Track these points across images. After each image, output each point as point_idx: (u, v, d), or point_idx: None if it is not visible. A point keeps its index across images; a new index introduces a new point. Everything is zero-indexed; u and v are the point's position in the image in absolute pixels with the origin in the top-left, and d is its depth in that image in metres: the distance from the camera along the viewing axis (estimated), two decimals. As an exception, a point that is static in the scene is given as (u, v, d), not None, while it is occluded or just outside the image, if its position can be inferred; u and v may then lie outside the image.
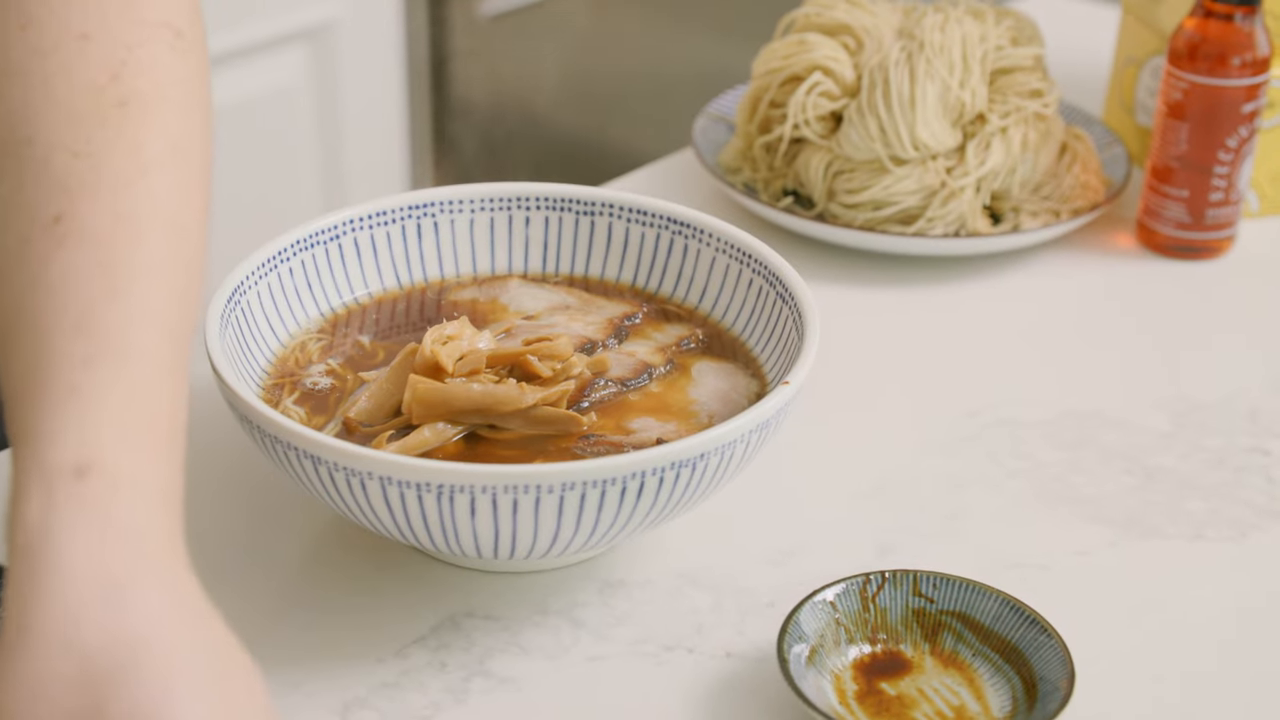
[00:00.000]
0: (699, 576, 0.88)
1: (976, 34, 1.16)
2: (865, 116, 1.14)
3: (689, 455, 0.78)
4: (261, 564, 0.87)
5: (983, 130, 1.16)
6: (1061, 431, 1.00)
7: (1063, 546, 0.91)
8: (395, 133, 2.45)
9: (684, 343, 0.94)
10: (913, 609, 0.83)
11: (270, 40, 2.35)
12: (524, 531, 0.78)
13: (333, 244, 0.95)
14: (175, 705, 0.56)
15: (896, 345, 1.10)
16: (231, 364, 0.85)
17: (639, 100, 2.60)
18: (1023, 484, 0.96)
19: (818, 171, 1.17)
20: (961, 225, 1.16)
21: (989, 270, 1.18)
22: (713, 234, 0.96)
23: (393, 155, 2.46)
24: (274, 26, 2.34)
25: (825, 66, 1.17)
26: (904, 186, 1.15)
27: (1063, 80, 1.41)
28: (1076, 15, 1.64)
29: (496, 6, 2.41)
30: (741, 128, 1.23)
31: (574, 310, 0.96)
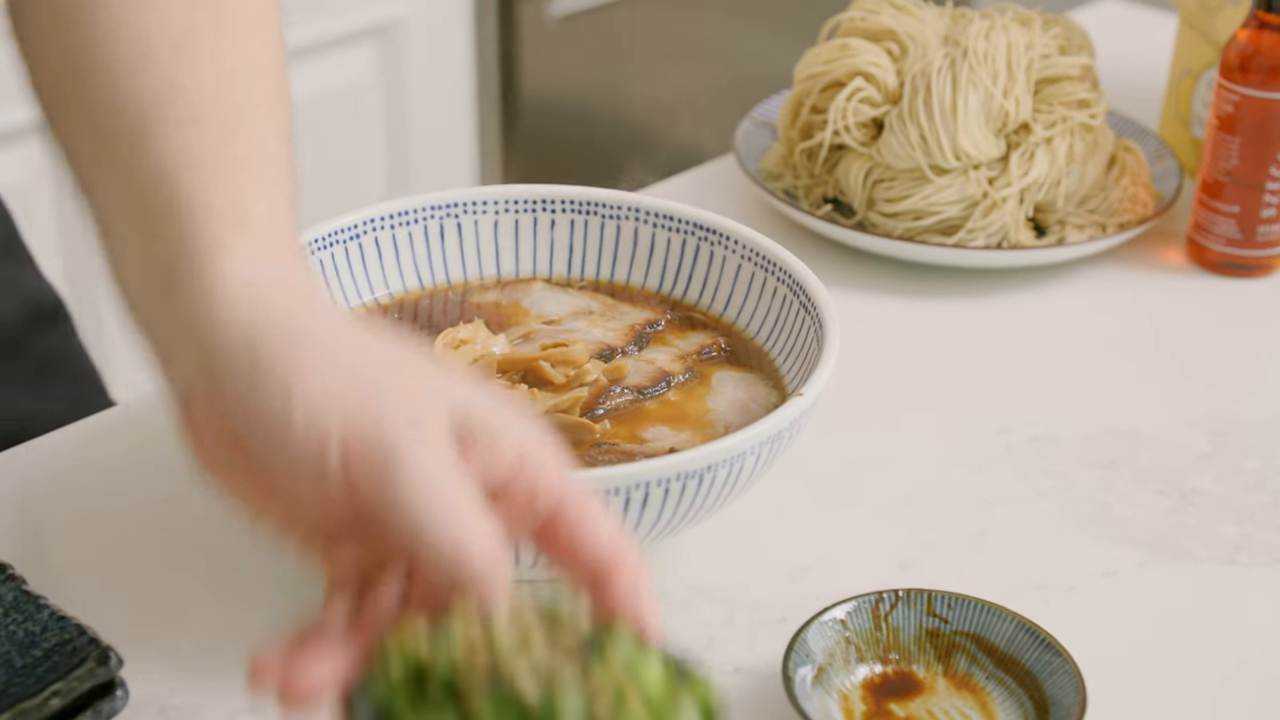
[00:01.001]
0: (713, 589, 0.86)
1: (1022, 42, 1.13)
2: (906, 124, 1.12)
3: (695, 467, 0.76)
4: (272, 567, 0.86)
5: (1027, 140, 1.14)
6: (1096, 450, 0.98)
7: (1090, 568, 0.88)
8: (463, 131, 2.45)
9: (705, 351, 0.92)
10: (926, 629, 0.80)
11: (340, 37, 2.35)
12: (527, 539, 0.76)
13: (353, 243, 0.94)
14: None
15: (932, 358, 1.08)
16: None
17: (707, 101, 2.58)
18: (1052, 503, 0.93)
19: (857, 179, 1.15)
20: (1004, 237, 1.14)
21: (1032, 284, 1.15)
22: (739, 241, 0.94)
23: (460, 154, 2.46)
24: (344, 23, 2.35)
25: (867, 72, 1.15)
26: (945, 196, 1.12)
27: (1120, 90, 1.39)
28: (1138, 23, 1.61)
29: (566, 7, 2.40)
30: (783, 133, 1.21)
31: (596, 316, 0.94)
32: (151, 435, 0.95)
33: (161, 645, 0.80)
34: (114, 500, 0.90)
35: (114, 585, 0.84)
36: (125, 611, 0.82)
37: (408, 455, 0.56)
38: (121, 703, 0.75)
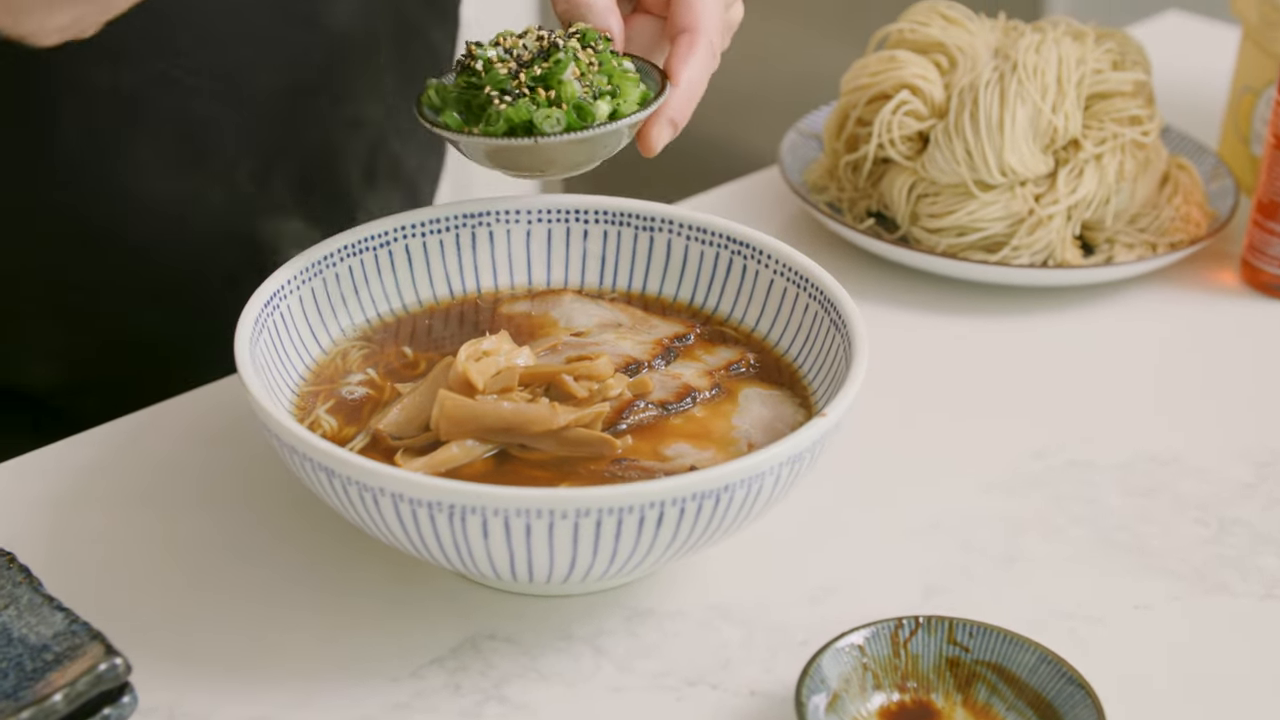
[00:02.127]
0: (732, 610, 0.85)
1: (1074, 56, 1.11)
2: (952, 138, 1.10)
3: (712, 486, 0.75)
4: (285, 573, 0.86)
5: (1076, 157, 1.11)
6: (1134, 477, 0.96)
7: (1121, 599, 0.86)
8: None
9: (734, 367, 0.91)
10: (947, 657, 0.79)
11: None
12: (539, 556, 0.75)
13: (383, 250, 0.94)
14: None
15: (970, 377, 1.06)
16: (263, 370, 0.83)
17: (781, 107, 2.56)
18: (1086, 530, 0.91)
19: (901, 193, 1.13)
20: (1050, 255, 1.12)
21: (1078, 304, 1.13)
22: (771, 255, 0.93)
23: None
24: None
25: (913, 85, 1.13)
26: (989, 213, 1.11)
27: (1181, 106, 1.36)
28: (1202, 36, 1.59)
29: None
30: (828, 145, 1.20)
31: (625, 329, 0.93)
32: (181, 439, 0.95)
33: (175, 652, 0.80)
34: (140, 504, 0.90)
35: (133, 590, 0.84)
36: (141, 617, 0.82)
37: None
38: (129, 708, 0.74)
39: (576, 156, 0.85)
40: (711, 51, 0.88)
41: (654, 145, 0.86)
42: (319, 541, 0.88)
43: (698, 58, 0.87)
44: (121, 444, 0.94)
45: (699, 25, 0.88)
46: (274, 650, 0.81)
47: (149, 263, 1.04)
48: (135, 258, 1.04)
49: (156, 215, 1.03)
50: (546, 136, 0.83)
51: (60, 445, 0.94)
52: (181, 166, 1.02)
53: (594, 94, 0.84)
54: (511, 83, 0.84)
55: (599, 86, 0.84)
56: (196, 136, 1.02)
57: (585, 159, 0.86)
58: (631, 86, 0.86)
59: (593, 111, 0.84)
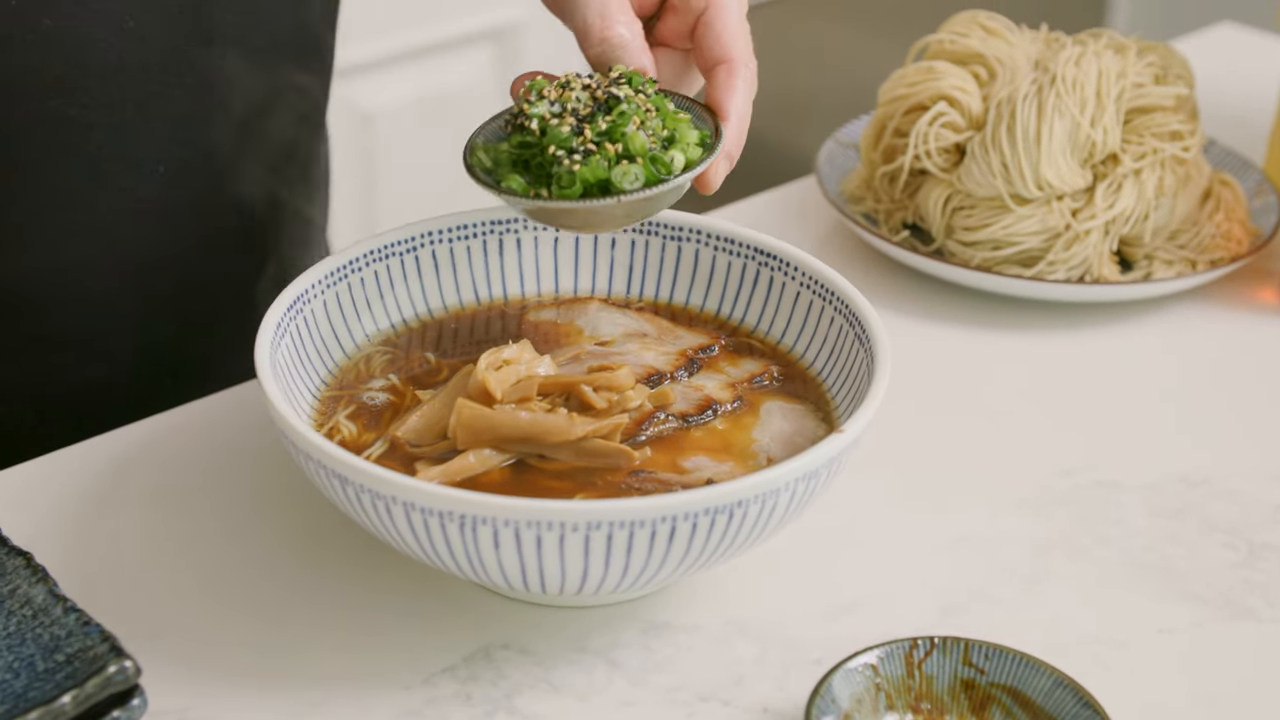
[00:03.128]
0: (749, 624, 0.84)
1: (1114, 70, 1.10)
2: (988, 151, 1.09)
3: (725, 502, 0.74)
4: (301, 580, 0.86)
5: (1114, 171, 1.10)
6: (1163, 498, 0.94)
7: (1145, 622, 0.85)
8: (575, 135, 2.45)
9: (757, 380, 0.90)
10: (962, 679, 0.78)
11: (457, 39, 2.36)
12: (550, 568, 0.75)
13: (409, 255, 0.94)
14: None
15: (1002, 392, 1.05)
16: (283, 374, 0.83)
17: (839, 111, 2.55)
18: (1112, 552, 0.90)
19: (937, 206, 1.12)
20: (1086, 271, 1.10)
21: (1115, 320, 1.12)
22: (797, 267, 0.92)
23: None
24: (461, 26, 2.36)
25: (951, 96, 1.12)
26: (1025, 227, 1.09)
27: (1229, 120, 1.35)
28: (1255, 49, 1.56)
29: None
30: (866, 155, 1.19)
31: (649, 339, 0.93)
32: (202, 443, 0.95)
33: (187, 656, 0.80)
34: (159, 507, 0.90)
35: (148, 593, 0.84)
36: (155, 620, 0.82)
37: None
38: (139, 711, 0.74)
39: (651, 209, 0.83)
40: (751, 78, 0.87)
41: (714, 184, 0.85)
42: (336, 548, 0.88)
43: (741, 88, 0.86)
44: (143, 446, 0.95)
45: (734, 54, 0.86)
46: (287, 656, 0.81)
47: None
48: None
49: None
50: (628, 194, 0.80)
51: (84, 446, 0.95)
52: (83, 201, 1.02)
53: (660, 143, 0.82)
54: (576, 139, 0.81)
55: (659, 134, 0.82)
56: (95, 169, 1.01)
57: (656, 209, 0.84)
58: (687, 129, 0.83)
59: (667, 163, 0.81)
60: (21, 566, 0.80)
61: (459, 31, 2.37)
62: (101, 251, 1.03)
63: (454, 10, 2.35)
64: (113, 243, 1.03)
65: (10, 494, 0.91)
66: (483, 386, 0.83)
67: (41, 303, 1.03)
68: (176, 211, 1.05)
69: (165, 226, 1.05)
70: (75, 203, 1.00)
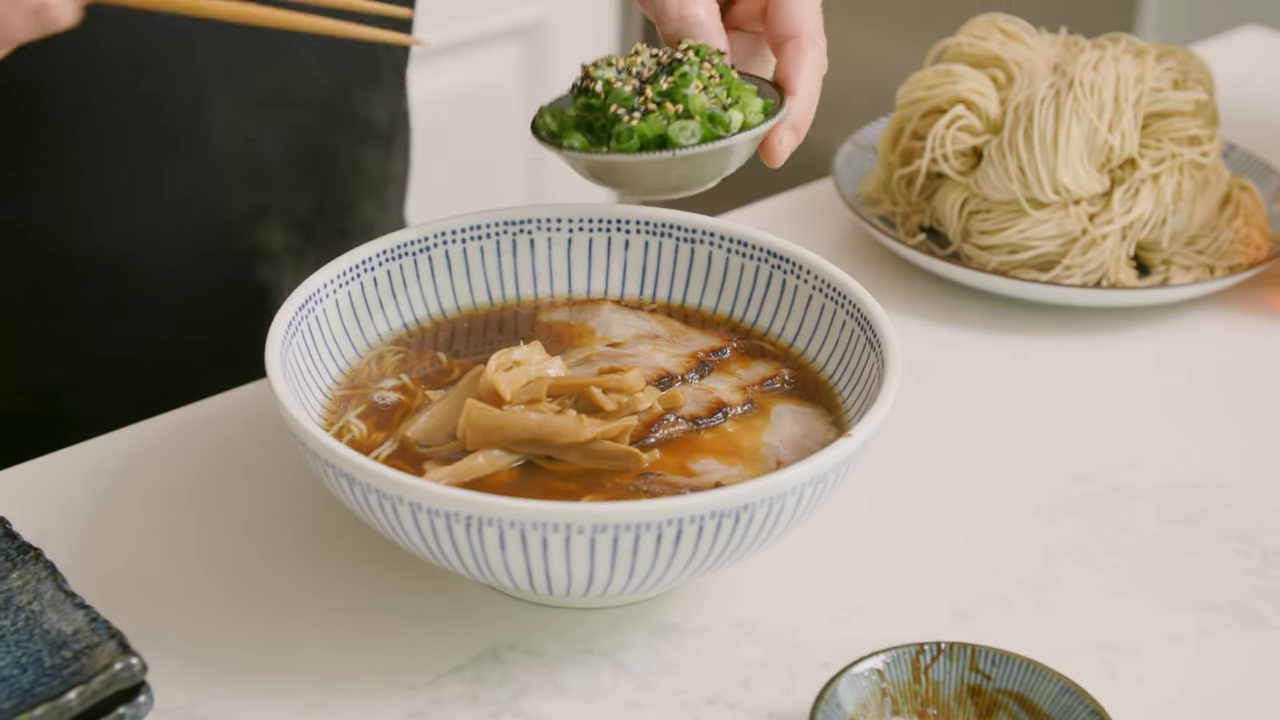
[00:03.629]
0: (757, 627, 0.84)
1: (1133, 74, 1.09)
2: (1005, 155, 1.09)
3: (731, 505, 0.74)
4: (312, 580, 0.86)
5: (1132, 176, 1.10)
6: (1176, 505, 0.94)
7: (1154, 629, 0.85)
8: (603, 133, 2.45)
9: (768, 383, 0.90)
10: (969, 685, 0.78)
11: (484, 36, 2.37)
12: (556, 570, 0.75)
13: (422, 256, 0.94)
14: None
15: (1017, 397, 1.04)
16: (294, 373, 0.84)
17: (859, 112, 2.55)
18: (1122, 558, 0.90)
19: (953, 209, 1.12)
20: (1103, 275, 1.10)
21: (1131, 325, 1.11)
22: (810, 270, 0.92)
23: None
24: (489, 23, 2.36)
25: (968, 100, 1.12)
26: (1042, 231, 1.09)
27: (1252, 124, 1.34)
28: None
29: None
30: (883, 158, 1.18)
31: (661, 341, 0.93)
32: (216, 441, 0.96)
33: (195, 654, 0.81)
34: (171, 504, 0.91)
35: (158, 590, 0.85)
36: (164, 617, 0.83)
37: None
38: (145, 709, 0.75)
39: (709, 170, 0.85)
40: (820, 55, 0.88)
41: (779, 155, 0.87)
42: (347, 548, 0.88)
43: (809, 64, 0.88)
44: (156, 443, 0.95)
45: (804, 30, 0.88)
46: (294, 655, 0.81)
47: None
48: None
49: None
50: (683, 149, 0.82)
51: (98, 441, 0.95)
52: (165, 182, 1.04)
53: (721, 106, 0.84)
54: (637, 99, 0.83)
55: (722, 99, 0.84)
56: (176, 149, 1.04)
57: (716, 172, 0.85)
58: (751, 97, 0.86)
59: (725, 121, 0.84)
60: (31, 562, 0.80)
61: (485, 29, 2.37)
62: (172, 226, 1.06)
63: (480, 8, 2.36)
64: (183, 218, 1.06)
65: (23, 490, 0.91)
66: (493, 387, 0.83)
67: (111, 271, 1.06)
68: (249, 189, 1.07)
69: (235, 204, 1.07)
70: (152, 177, 1.04)
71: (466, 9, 2.35)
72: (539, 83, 2.43)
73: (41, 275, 1.05)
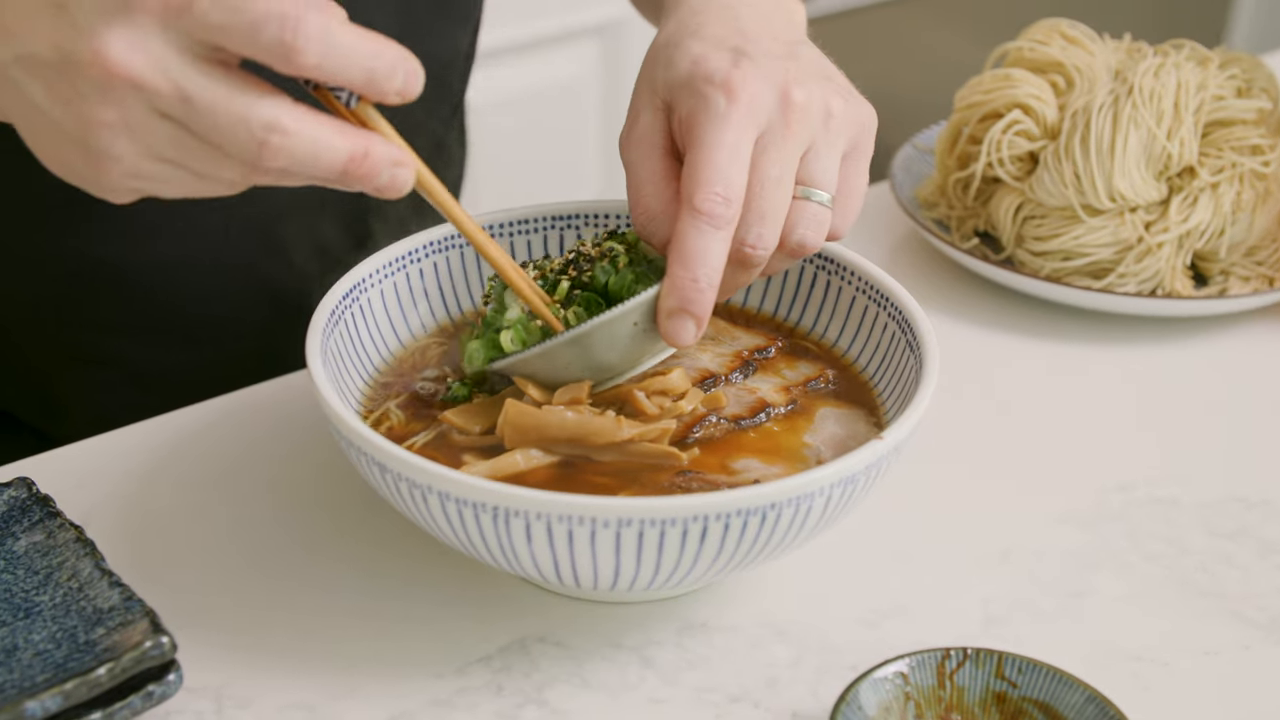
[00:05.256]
0: (787, 628, 0.84)
1: (1194, 81, 1.08)
2: (1061, 161, 1.08)
3: (758, 503, 0.74)
4: (346, 567, 0.87)
5: (1190, 185, 1.08)
6: (1220, 518, 0.93)
7: (1190, 644, 0.84)
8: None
9: (813, 383, 0.90)
10: (994, 692, 0.77)
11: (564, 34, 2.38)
12: (583, 563, 0.75)
13: (469, 248, 0.95)
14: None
15: (1065, 404, 1.04)
16: (333, 360, 0.85)
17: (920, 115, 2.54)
18: (1162, 570, 0.89)
19: (1008, 214, 1.11)
20: (1158, 284, 1.09)
21: (1186, 335, 1.10)
22: (853, 271, 0.92)
23: (674, 152, 2.47)
24: (568, 21, 2.37)
25: (1026, 104, 1.11)
26: (1096, 238, 1.08)
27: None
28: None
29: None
30: (940, 161, 1.18)
31: (706, 340, 0.93)
32: (261, 426, 0.97)
33: (228, 635, 0.82)
34: (213, 488, 0.92)
35: (196, 571, 0.86)
36: (200, 598, 0.84)
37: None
38: (174, 687, 0.76)
39: (610, 353, 0.83)
40: (705, 223, 0.78)
41: (669, 336, 0.80)
42: (382, 537, 0.89)
43: (681, 230, 0.79)
44: (200, 428, 0.96)
45: (685, 194, 0.79)
46: (326, 641, 0.82)
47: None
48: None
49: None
50: (516, 354, 0.82)
51: (146, 424, 0.97)
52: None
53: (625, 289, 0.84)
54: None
55: (628, 282, 0.84)
56: None
57: (619, 355, 0.83)
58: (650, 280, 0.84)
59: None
60: (72, 540, 0.82)
61: (563, 27, 2.38)
62: (216, 250, 1.08)
63: (559, 6, 2.37)
64: (225, 244, 1.08)
65: (72, 470, 0.93)
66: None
67: (158, 288, 1.07)
68: (299, 216, 1.09)
69: (286, 230, 1.08)
70: (203, 205, 1.05)
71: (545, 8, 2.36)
72: (616, 81, 2.44)
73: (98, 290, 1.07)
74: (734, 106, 0.79)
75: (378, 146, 0.71)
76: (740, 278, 0.82)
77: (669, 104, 0.83)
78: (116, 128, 0.68)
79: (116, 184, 0.71)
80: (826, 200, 0.82)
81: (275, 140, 0.68)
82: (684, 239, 0.79)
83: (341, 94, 0.72)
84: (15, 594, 0.80)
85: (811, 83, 0.82)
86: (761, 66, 0.81)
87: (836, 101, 0.82)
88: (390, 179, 0.72)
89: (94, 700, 0.74)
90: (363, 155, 0.70)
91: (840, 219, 0.84)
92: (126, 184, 0.71)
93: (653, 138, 0.83)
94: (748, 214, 0.80)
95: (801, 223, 0.82)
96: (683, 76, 0.82)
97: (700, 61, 0.82)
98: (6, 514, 0.84)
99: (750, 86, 0.80)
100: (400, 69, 0.70)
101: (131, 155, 0.69)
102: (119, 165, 0.69)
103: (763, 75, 0.81)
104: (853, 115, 0.83)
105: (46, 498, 0.84)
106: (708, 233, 0.78)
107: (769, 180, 0.80)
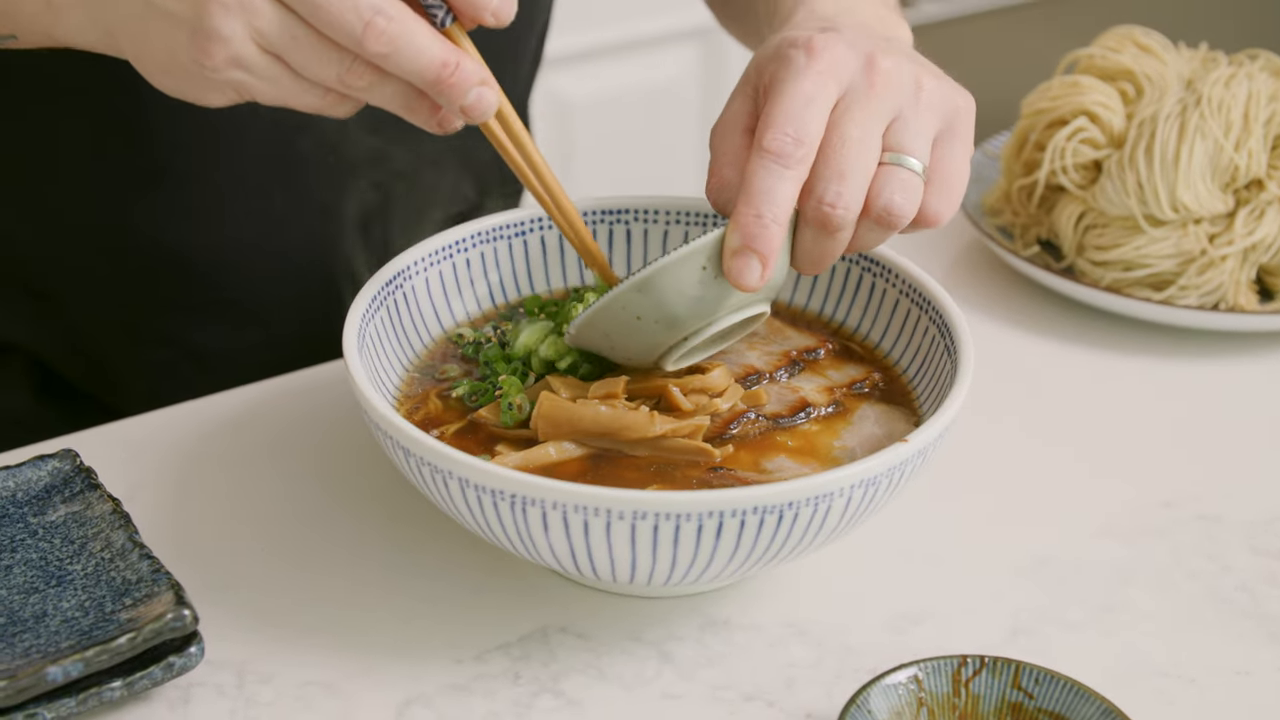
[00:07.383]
0: (809, 628, 0.84)
1: (1266, 92, 1.06)
2: (1124, 170, 1.06)
3: (775, 501, 0.74)
4: (376, 550, 0.88)
5: (1258, 198, 1.06)
6: (1265, 537, 0.91)
7: (1222, 662, 0.82)
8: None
9: (857, 385, 0.89)
10: (1009, 701, 0.76)
11: (665, 36, 2.38)
12: (599, 554, 0.75)
13: (517, 240, 0.95)
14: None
15: (1118, 416, 1.02)
16: (371, 346, 0.86)
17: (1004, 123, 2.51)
18: (1200, 587, 0.87)
19: (1069, 222, 1.10)
20: (1221, 298, 1.07)
21: (1248, 351, 1.08)
22: (897, 274, 0.91)
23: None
24: (668, 23, 2.38)
25: (1092, 112, 1.09)
26: (1158, 249, 1.06)
27: None
28: None
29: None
30: (1006, 167, 1.17)
31: (756, 337, 0.93)
32: (303, 409, 0.98)
33: (253, 612, 0.83)
34: (254, 468, 0.93)
35: (227, 548, 0.87)
36: (229, 575, 0.85)
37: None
38: (195, 659, 0.77)
39: (674, 308, 0.81)
40: (773, 162, 0.77)
41: (734, 276, 0.78)
42: (412, 523, 0.90)
43: (750, 169, 0.78)
44: (243, 411, 0.98)
45: (758, 138, 0.78)
46: (349, 622, 0.83)
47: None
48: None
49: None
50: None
51: (197, 403, 0.98)
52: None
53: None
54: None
55: None
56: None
57: (686, 311, 0.81)
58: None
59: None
60: (109, 512, 0.84)
61: (664, 29, 2.39)
62: (277, 233, 1.10)
63: (661, 8, 2.37)
64: (287, 227, 1.10)
65: (122, 443, 0.95)
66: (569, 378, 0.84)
67: (218, 270, 1.10)
68: (359, 201, 1.10)
69: (350, 217, 1.10)
70: (270, 190, 1.07)
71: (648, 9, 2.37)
72: (715, 84, 2.44)
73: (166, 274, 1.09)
74: (813, 61, 0.79)
75: (468, 62, 0.74)
76: (825, 245, 0.80)
77: (756, 85, 0.83)
78: (230, 5, 0.71)
79: (219, 73, 0.73)
80: (918, 169, 0.80)
81: (380, 22, 0.71)
82: (751, 178, 0.77)
83: (437, 12, 0.75)
84: (50, 562, 0.82)
85: (901, 56, 0.81)
86: (847, 36, 0.81)
87: (928, 78, 0.81)
88: (477, 98, 0.75)
89: (115, 668, 0.76)
90: (455, 64, 0.74)
91: (937, 199, 0.81)
92: (228, 74, 0.73)
93: (737, 120, 0.83)
94: (825, 170, 0.78)
95: (889, 186, 0.79)
96: (770, 50, 0.83)
97: (788, 35, 0.82)
98: (49, 485, 0.86)
99: (834, 49, 0.80)
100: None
101: (240, 37, 0.72)
102: (226, 49, 0.72)
103: (848, 42, 0.81)
104: (946, 93, 0.82)
105: (89, 470, 0.86)
106: (774, 170, 0.77)
107: (850, 139, 0.78)
